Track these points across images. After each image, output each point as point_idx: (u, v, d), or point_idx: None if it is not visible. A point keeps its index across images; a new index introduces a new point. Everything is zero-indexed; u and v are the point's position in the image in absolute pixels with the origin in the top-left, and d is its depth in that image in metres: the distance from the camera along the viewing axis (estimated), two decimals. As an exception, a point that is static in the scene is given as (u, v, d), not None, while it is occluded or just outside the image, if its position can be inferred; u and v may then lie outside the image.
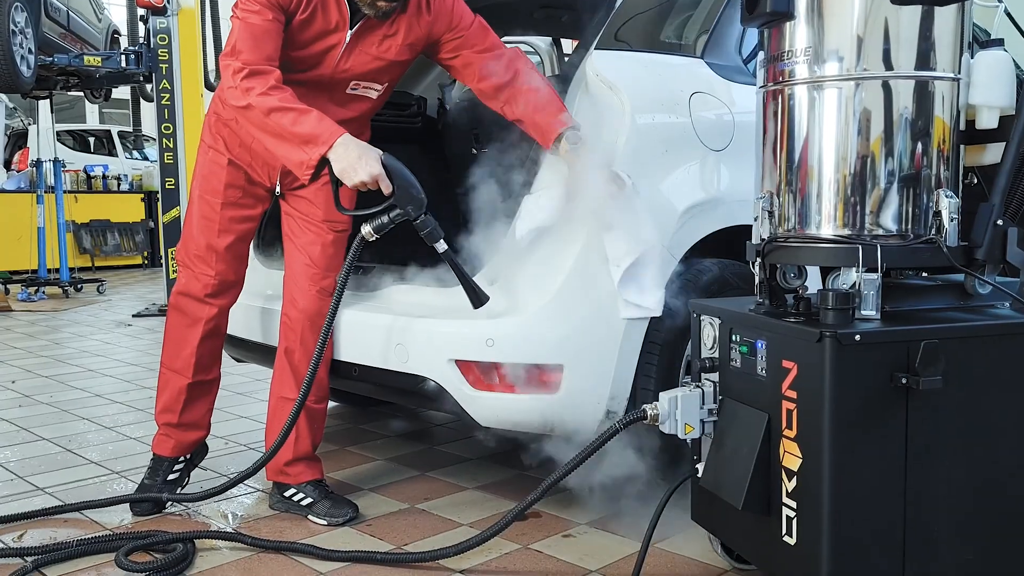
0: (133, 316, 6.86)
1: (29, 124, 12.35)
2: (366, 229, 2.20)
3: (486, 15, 3.50)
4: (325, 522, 2.44)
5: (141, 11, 7.16)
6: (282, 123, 2.10)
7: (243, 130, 2.36)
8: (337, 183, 2.18)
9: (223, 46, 2.43)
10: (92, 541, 2.25)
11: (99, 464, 3.03)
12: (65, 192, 9.00)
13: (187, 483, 2.66)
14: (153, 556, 2.20)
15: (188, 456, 2.64)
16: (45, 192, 8.69)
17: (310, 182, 2.21)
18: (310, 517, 2.47)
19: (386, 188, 2.14)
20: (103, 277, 9.34)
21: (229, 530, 2.41)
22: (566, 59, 4.12)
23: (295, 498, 2.50)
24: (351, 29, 2.25)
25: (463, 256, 2.42)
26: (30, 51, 6.97)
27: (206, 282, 2.50)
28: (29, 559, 2.17)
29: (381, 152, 2.15)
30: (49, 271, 8.69)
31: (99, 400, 4.02)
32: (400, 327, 2.40)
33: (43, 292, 8.28)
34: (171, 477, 2.60)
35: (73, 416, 3.72)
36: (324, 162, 2.13)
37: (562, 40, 4.68)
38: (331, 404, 3.58)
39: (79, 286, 8.66)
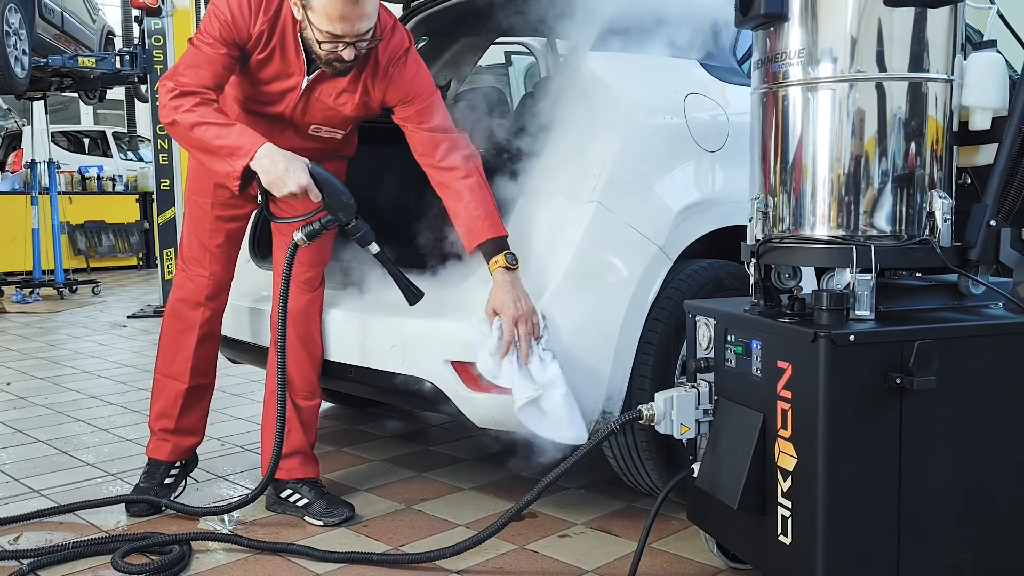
0: (128, 317, 6.85)
1: (23, 125, 12.31)
2: (298, 236, 2.25)
3: (483, 15, 3.51)
4: (321, 523, 2.44)
5: (136, 12, 7.16)
6: (205, 137, 2.15)
7: None
8: (266, 194, 2.22)
9: None
10: (88, 543, 2.24)
11: (95, 466, 3.03)
12: (60, 193, 8.98)
13: (183, 490, 2.66)
14: (149, 558, 2.20)
15: (183, 462, 2.65)
16: (40, 193, 8.66)
17: (240, 192, 2.23)
18: (306, 518, 2.47)
19: (315, 197, 2.18)
20: (98, 278, 9.32)
21: (225, 532, 2.41)
22: (561, 60, 4.13)
23: (291, 499, 2.50)
24: (308, 76, 2.26)
25: (459, 254, 2.42)
26: (24, 52, 6.96)
27: (200, 283, 2.51)
28: (25, 562, 2.16)
29: (308, 162, 2.18)
30: (44, 272, 8.66)
31: (95, 402, 4.02)
32: (396, 328, 2.40)
33: (38, 294, 8.26)
34: (167, 481, 2.60)
35: (68, 418, 3.72)
36: (251, 173, 2.16)
37: (557, 41, 4.69)
38: (327, 405, 3.60)
39: (74, 287, 8.64)
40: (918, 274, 1.93)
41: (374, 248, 2.28)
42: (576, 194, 2.31)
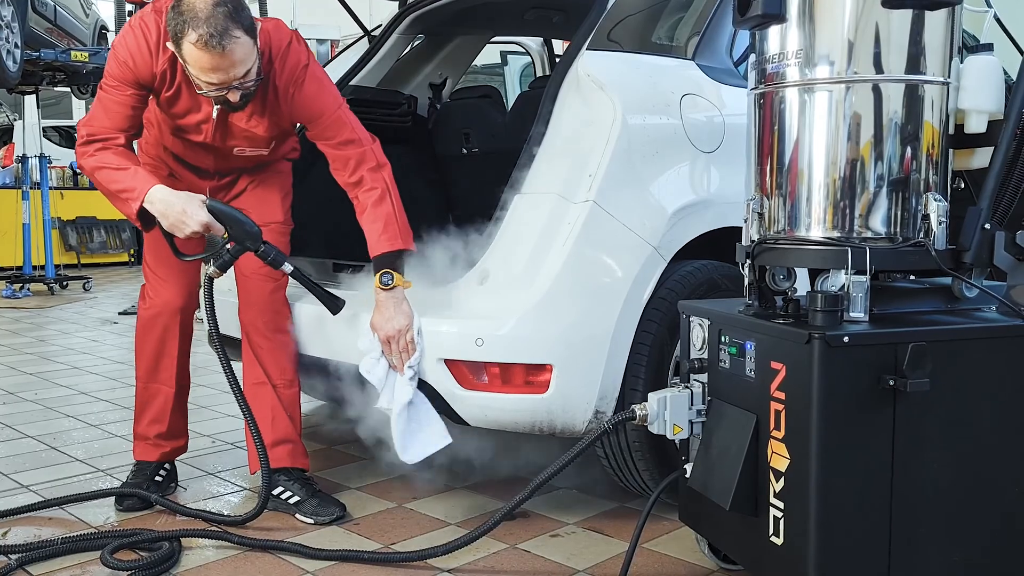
0: (119, 314, 6.82)
1: (15, 120, 12.26)
2: (211, 269, 2.30)
3: (480, 15, 3.51)
4: (312, 520, 2.43)
5: (129, 7, 7.13)
6: (104, 181, 2.24)
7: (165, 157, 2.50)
8: (170, 236, 2.27)
9: None
10: (77, 539, 2.23)
11: (84, 462, 3.01)
12: (51, 189, 8.93)
13: (174, 488, 2.67)
14: (139, 554, 2.19)
15: (172, 465, 2.68)
16: (31, 188, 8.62)
17: (147, 231, 2.32)
18: (297, 516, 2.46)
19: (219, 231, 2.25)
20: (89, 274, 9.27)
21: (216, 529, 2.39)
22: (557, 60, 4.13)
23: (283, 496, 2.49)
24: (216, 107, 2.28)
25: (456, 256, 2.42)
26: (16, 46, 6.92)
27: (173, 293, 2.51)
28: (13, 557, 2.15)
29: (204, 198, 2.25)
30: (34, 268, 8.62)
31: (84, 398, 4.00)
32: (389, 326, 2.39)
33: (28, 289, 8.22)
34: (157, 479, 2.61)
35: (58, 413, 3.70)
36: (150, 216, 2.23)
37: (553, 41, 4.69)
38: (322, 403, 3.58)
39: (64, 283, 8.59)
40: (912, 277, 1.94)
41: (288, 268, 2.35)
42: (571, 194, 2.31)
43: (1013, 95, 1.79)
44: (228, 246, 2.28)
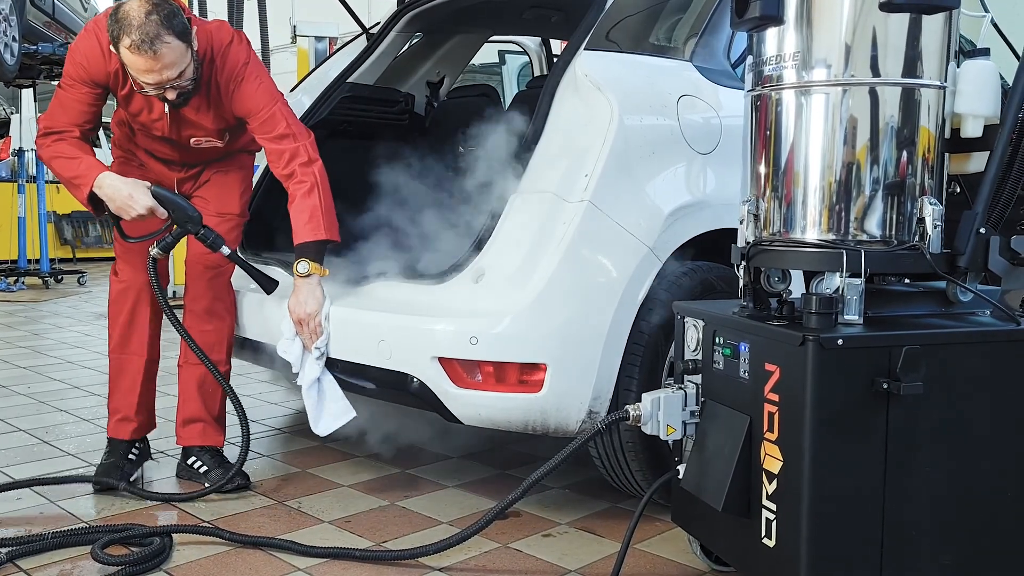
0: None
1: (11, 113, 12.21)
2: (155, 251, 2.51)
3: (479, 14, 3.51)
4: (220, 489, 2.61)
5: (128, 1, 7.10)
6: (59, 169, 2.47)
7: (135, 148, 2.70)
8: (116, 218, 2.50)
9: None
10: (68, 534, 2.23)
11: (76, 456, 3.01)
12: (47, 182, 8.91)
13: (141, 473, 2.77)
14: (130, 549, 2.18)
15: (142, 444, 2.79)
16: (26, 182, 8.61)
17: (98, 215, 2.53)
18: (205, 484, 2.65)
19: (162, 215, 2.47)
20: (84, 268, 9.26)
21: (207, 525, 2.39)
22: (555, 59, 4.13)
23: (195, 465, 2.71)
24: (165, 101, 2.45)
25: (451, 254, 2.42)
26: (14, 39, 6.90)
27: (142, 267, 2.63)
28: (3, 551, 2.15)
29: (149, 184, 2.47)
30: (29, 261, 8.60)
31: (77, 392, 3.99)
32: (383, 324, 2.39)
33: (23, 282, 8.20)
34: (131, 456, 2.74)
35: (51, 407, 3.69)
36: (100, 201, 2.44)
37: (551, 40, 4.69)
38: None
39: (59, 277, 8.58)
40: (907, 280, 1.94)
41: (225, 251, 2.55)
42: (567, 193, 2.31)
43: (1009, 100, 1.79)
44: (172, 231, 2.50)
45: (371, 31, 3.59)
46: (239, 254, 2.58)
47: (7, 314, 6.60)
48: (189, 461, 2.73)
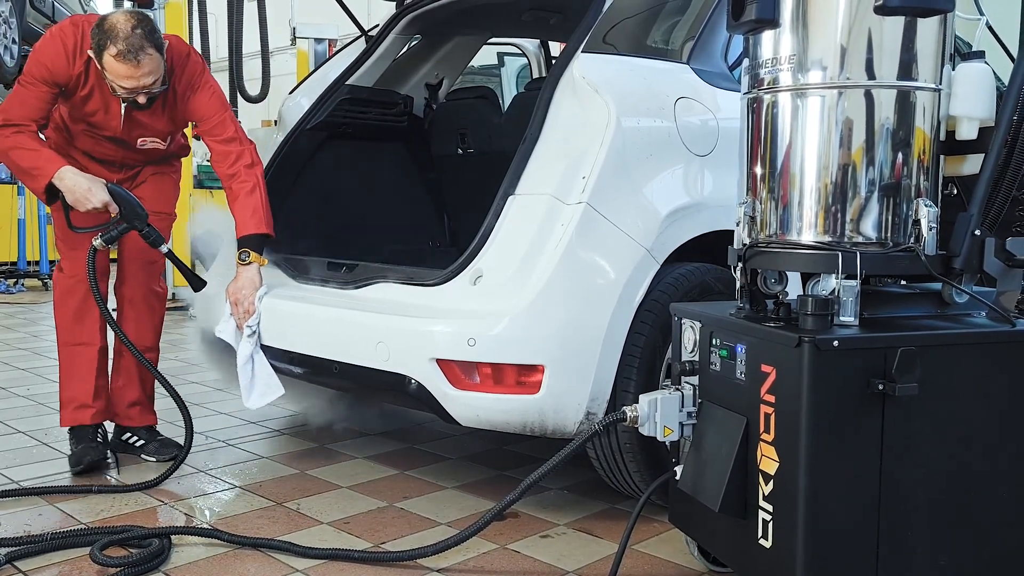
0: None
1: (11, 115, 12.20)
2: (98, 242, 2.71)
3: (478, 16, 3.52)
4: (155, 459, 2.91)
5: (127, 4, 7.11)
6: (16, 160, 2.64)
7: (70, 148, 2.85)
8: (68, 209, 2.69)
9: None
10: (67, 535, 2.23)
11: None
12: (46, 184, 8.91)
13: (113, 460, 2.92)
14: (128, 551, 2.19)
15: (103, 431, 2.95)
16: (26, 184, 8.59)
17: (49, 204, 2.73)
18: (142, 456, 2.93)
19: (113, 210, 2.68)
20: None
21: (206, 526, 2.40)
22: (553, 62, 4.14)
23: (130, 440, 2.98)
24: (124, 104, 2.67)
25: (449, 255, 2.43)
26: (14, 41, 6.90)
27: (84, 260, 2.76)
28: (2, 552, 2.15)
29: (105, 181, 2.68)
30: (29, 263, 8.60)
31: (77, 394, 3.98)
32: (382, 325, 2.40)
33: (22, 284, 8.20)
34: (98, 438, 2.90)
35: (50, 409, 3.69)
36: (55, 191, 2.63)
37: (550, 43, 4.70)
38: (314, 403, 3.58)
39: (59, 279, 8.56)
40: (903, 282, 1.94)
41: (164, 248, 2.80)
42: (565, 195, 2.31)
43: (1004, 102, 1.80)
44: (118, 225, 2.71)
45: (370, 33, 3.59)
46: (173, 253, 2.83)
47: (6, 316, 6.60)
48: (124, 437, 3.00)
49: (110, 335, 2.90)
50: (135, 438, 2.99)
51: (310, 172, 3.35)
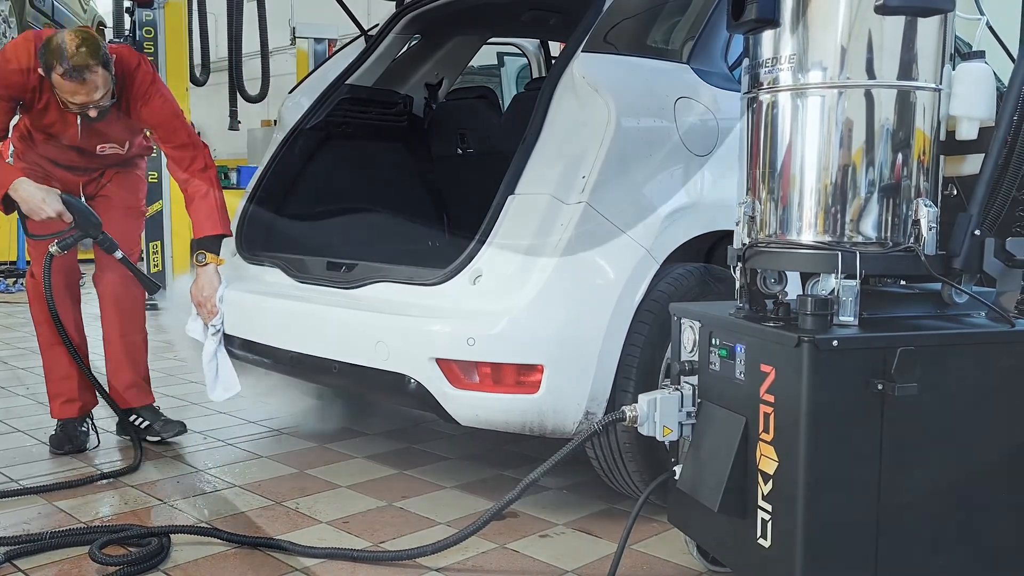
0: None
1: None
2: (54, 248, 2.85)
3: (477, 16, 3.52)
4: (159, 438, 3.09)
5: (127, 3, 7.11)
6: None
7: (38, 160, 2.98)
8: (24, 218, 2.83)
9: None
10: (65, 534, 2.23)
11: (75, 456, 3.01)
12: (46, 183, 8.92)
13: (99, 443, 3.07)
14: (128, 550, 2.19)
15: (89, 421, 3.08)
16: (26, 183, 8.59)
17: (7, 214, 2.85)
18: (148, 437, 3.08)
19: (68, 219, 2.81)
20: (83, 269, 9.26)
21: (205, 525, 2.39)
22: (553, 62, 4.14)
23: (136, 422, 3.11)
24: (79, 115, 2.78)
25: (449, 255, 2.43)
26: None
27: (58, 262, 2.92)
28: (1, 550, 2.15)
29: (59, 192, 2.81)
30: (28, 263, 8.60)
31: (76, 393, 3.98)
32: (381, 325, 2.40)
33: (21, 283, 8.20)
34: (82, 429, 3.05)
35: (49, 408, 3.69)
36: (10, 201, 2.76)
37: (550, 43, 4.70)
38: (313, 403, 3.58)
39: (58, 278, 8.56)
40: (902, 282, 1.94)
41: (118, 255, 2.94)
42: (565, 195, 2.32)
43: (1004, 102, 1.80)
44: (73, 233, 2.84)
45: (370, 33, 3.59)
46: (126, 258, 2.99)
47: (6, 315, 6.60)
48: (131, 419, 3.12)
49: (92, 331, 3.03)
50: (140, 419, 3.12)
51: (310, 172, 3.35)
